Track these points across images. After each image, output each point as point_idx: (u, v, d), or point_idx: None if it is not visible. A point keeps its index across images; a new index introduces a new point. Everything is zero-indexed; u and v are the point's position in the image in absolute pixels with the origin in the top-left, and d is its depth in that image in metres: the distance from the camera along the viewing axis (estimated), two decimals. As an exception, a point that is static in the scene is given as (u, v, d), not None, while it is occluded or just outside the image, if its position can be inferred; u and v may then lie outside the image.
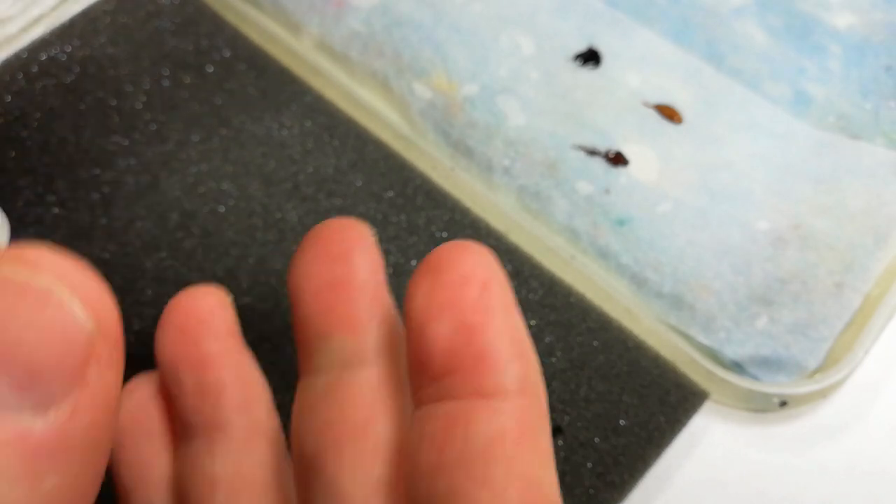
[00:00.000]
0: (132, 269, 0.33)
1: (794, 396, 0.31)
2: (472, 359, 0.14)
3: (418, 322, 0.15)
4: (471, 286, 0.15)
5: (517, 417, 0.14)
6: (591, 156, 0.36)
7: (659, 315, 0.33)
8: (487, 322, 0.14)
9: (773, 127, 0.37)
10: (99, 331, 0.12)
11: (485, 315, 0.15)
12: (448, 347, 0.14)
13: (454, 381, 0.14)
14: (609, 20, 0.40)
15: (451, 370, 0.14)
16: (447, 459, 0.14)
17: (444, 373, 0.14)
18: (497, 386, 0.14)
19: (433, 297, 0.15)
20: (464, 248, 0.15)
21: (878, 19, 0.41)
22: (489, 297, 0.15)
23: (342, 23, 0.40)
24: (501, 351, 0.14)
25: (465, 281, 0.15)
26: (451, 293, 0.15)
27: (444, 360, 0.14)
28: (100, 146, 0.36)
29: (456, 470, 0.14)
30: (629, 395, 0.31)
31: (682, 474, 0.30)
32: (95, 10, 0.40)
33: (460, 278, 0.15)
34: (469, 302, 0.15)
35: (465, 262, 0.15)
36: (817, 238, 0.34)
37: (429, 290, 0.15)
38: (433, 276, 0.15)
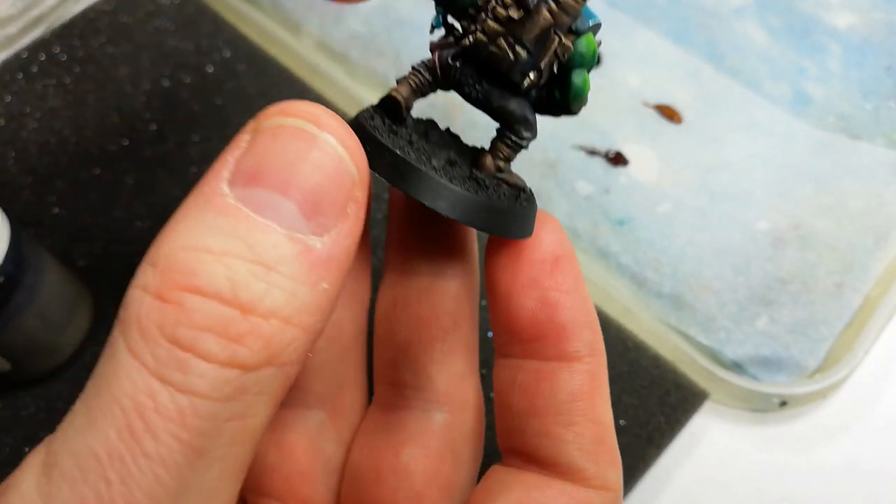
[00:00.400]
0: (132, 269, 0.33)
1: (794, 396, 0.31)
2: (554, 330, 0.18)
3: (505, 294, 0.18)
4: (547, 264, 0.18)
5: (590, 376, 0.18)
6: (591, 156, 0.36)
7: (659, 315, 0.33)
8: (564, 299, 0.18)
9: (773, 127, 0.37)
10: (359, 179, 0.15)
11: (561, 293, 0.18)
12: (533, 319, 0.18)
13: (539, 346, 0.18)
14: (609, 20, 0.40)
15: (536, 338, 0.18)
16: (538, 406, 0.18)
17: (529, 339, 0.18)
18: (574, 353, 0.18)
19: (517, 274, 0.18)
20: (542, 218, 0.19)
21: (878, 19, 0.41)
22: (563, 274, 0.18)
23: (342, 23, 0.40)
24: (576, 323, 0.18)
25: (543, 260, 0.18)
26: (533, 271, 0.18)
27: (530, 330, 0.18)
28: (100, 146, 0.36)
29: (545, 416, 0.18)
30: (629, 395, 0.31)
31: (682, 474, 0.30)
32: (95, 10, 0.40)
33: (540, 257, 0.18)
34: (548, 280, 0.18)
35: (543, 238, 0.18)
36: (817, 238, 0.34)
37: (513, 266, 0.18)
38: (515, 251, 0.18)
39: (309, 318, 0.14)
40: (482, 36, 0.16)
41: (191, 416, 0.13)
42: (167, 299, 0.13)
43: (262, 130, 0.14)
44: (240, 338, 0.13)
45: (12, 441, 0.30)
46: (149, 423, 0.12)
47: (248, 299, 0.13)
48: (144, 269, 0.14)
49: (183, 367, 0.13)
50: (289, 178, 0.14)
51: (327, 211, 0.14)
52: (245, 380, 0.13)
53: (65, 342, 0.30)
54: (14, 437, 0.30)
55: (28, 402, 0.30)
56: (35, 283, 0.28)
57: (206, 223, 0.14)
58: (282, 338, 0.13)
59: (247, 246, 0.13)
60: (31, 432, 0.30)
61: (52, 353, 0.30)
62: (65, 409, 0.32)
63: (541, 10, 0.15)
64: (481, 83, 0.17)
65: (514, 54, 0.16)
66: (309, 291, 0.14)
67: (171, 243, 0.14)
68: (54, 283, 0.29)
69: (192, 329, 0.13)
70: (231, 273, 0.13)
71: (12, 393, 0.30)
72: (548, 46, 0.16)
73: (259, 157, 0.14)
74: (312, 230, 0.14)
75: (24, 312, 0.27)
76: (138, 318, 0.13)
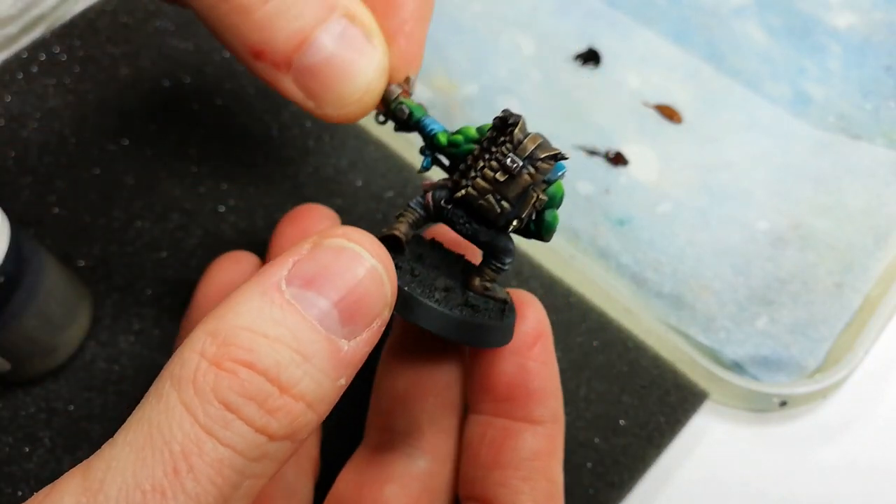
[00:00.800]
0: (132, 269, 0.33)
1: (794, 396, 0.31)
2: (527, 394, 0.22)
3: (491, 358, 0.22)
4: (529, 338, 0.22)
5: (549, 439, 0.22)
6: (591, 156, 0.36)
7: (659, 315, 0.33)
8: (539, 369, 0.22)
9: (773, 127, 0.37)
10: (389, 302, 0.18)
11: (538, 363, 0.22)
12: (510, 382, 0.22)
13: (510, 407, 0.22)
14: (609, 20, 0.40)
15: (510, 398, 0.22)
16: (502, 459, 0.21)
17: (504, 399, 0.22)
18: (540, 416, 0.22)
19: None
20: (526, 300, 0.22)
21: (878, 19, 0.41)
22: (542, 349, 0.22)
23: (342, 23, 0.40)
24: (545, 391, 0.22)
25: (527, 333, 0.22)
26: (517, 342, 0.22)
27: (506, 391, 0.22)
28: (100, 146, 0.36)
29: (507, 468, 0.21)
30: (629, 395, 0.31)
31: (682, 474, 0.30)
32: (95, 10, 0.40)
33: (523, 333, 0.22)
34: (528, 351, 0.22)
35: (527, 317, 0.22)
36: (817, 238, 0.34)
37: None
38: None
39: (325, 407, 0.16)
40: (473, 191, 0.19)
41: (227, 467, 0.15)
42: (223, 367, 0.15)
43: (324, 246, 0.17)
44: (274, 411, 0.15)
45: (12, 441, 0.30)
46: (192, 466, 0.15)
47: (287, 381, 0.16)
48: (204, 338, 0.16)
49: (227, 425, 0.15)
50: (338, 290, 0.17)
51: (360, 322, 0.17)
52: (269, 447, 0.16)
53: (65, 342, 0.30)
54: (14, 437, 0.30)
55: (28, 402, 0.30)
56: (35, 283, 0.28)
57: (264, 312, 0.16)
58: (303, 418, 0.16)
59: (294, 338, 0.16)
60: (31, 432, 0.30)
61: (52, 353, 0.30)
62: (65, 409, 0.32)
63: (522, 174, 0.19)
64: (470, 223, 0.20)
65: (500, 208, 0.19)
66: (331, 384, 0.16)
67: (232, 320, 0.16)
68: (54, 283, 0.29)
69: (241, 396, 0.15)
70: (279, 357, 0.16)
71: (12, 393, 0.30)
72: (528, 201, 0.19)
73: (317, 267, 0.17)
74: (344, 335, 0.17)
75: (24, 312, 0.27)
76: (195, 378, 0.15)
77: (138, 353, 0.31)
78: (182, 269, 0.33)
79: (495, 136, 0.19)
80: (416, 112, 0.22)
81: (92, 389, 0.31)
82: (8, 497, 0.28)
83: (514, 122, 0.19)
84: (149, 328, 0.32)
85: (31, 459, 0.29)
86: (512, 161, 0.19)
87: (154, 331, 0.32)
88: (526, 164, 0.19)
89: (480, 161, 0.19)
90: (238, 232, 0.34)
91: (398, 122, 0.22)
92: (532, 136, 0.19)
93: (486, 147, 0.19)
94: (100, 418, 0.30)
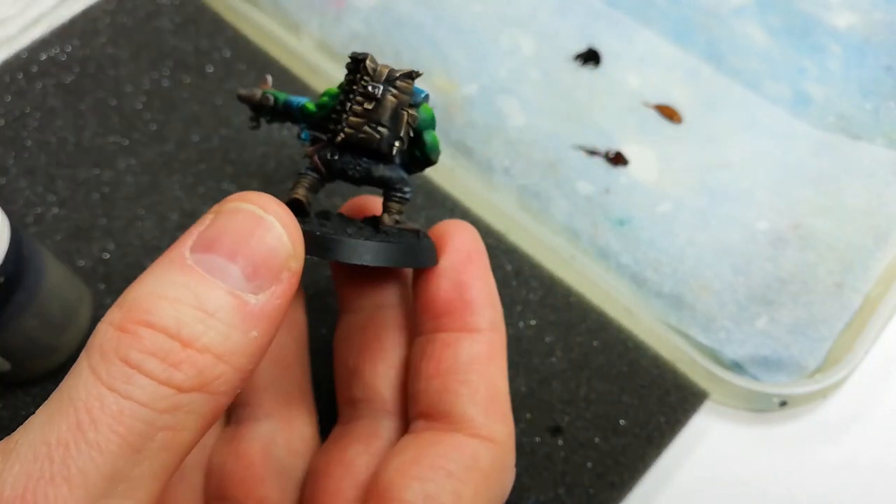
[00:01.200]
0: (132, 269, 0.33)
1: (794, 396, 0.31)
2: (463, 305, 0.23)
3: (428, 278, 0.23)
4: (462, 255, 0.23)
5: (488, 346, 0.22)
6: (591, 156, 0.36)
7: (659, 315, 0.33)
8: (472, 282, 0.23)
9: (773, 127, 0.37)
10: (294, 252, 0.18)
11: (472, 277, 0.23)
12: (447, 297, 0.23)
13: (449, 320, 0.23)
14: (609, 20, 0.40)
15: (448, 312, 0.23)
16: (442, 368, 0.22)
17: (443, 313, 0.23)
18: (477, 324, 0.23)
19: (439, 263, 0.23)
20: (458, 226, 0.24)
21: (878, 19, 0.41)
22: (474, 264, 0.23)
23: (342, 23, 0.40)
24: (480, 302, 0.23)
25: (458, 252, 0.23)
26: (450, 260, 0.23)
27: (444, 305, 0.23)
28: (100, 146, 0.36)
29: (448, 375, 0.22)
30: (629, 395, 0.31)
31: (682, 474, 0.30)
32: (95, 10, 0.40)
33: (456, 251, 0.23)
34: (462, 267, 0.23)
35: (459, 237, 0.23)
36: (817, 238, 0.34)
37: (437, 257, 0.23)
38: (439, 247, 0.23)
39: (239, 359, 0.17)
40: (350, 129, 0.21)
41: (129, 416, 0.16)
42: (126, 330, 0.16)
43: (222, 212, 0.18)
44: (177, 364, 0.16)
45: (12, 441, 0.30)
46: (94, 418, 0.16)
47: (188, 335, 0.17)
48: (113, 310, 0.17)
49: (129, 379, 0.16)
50: (237, 248, 0.18)
51: (264, 275, 0.18)
52: (178, 399, 0.16)
53: (65, 342, 0.30)
54: (14, 437, 0.30)
55: (28, 402, 0.30)
56: (35, 283, 0.28)
57: (166, 277, 0.17)
58: (213, 371, 0.17)
59: (194, 296, 0.17)
60: (31, 432, 0.30)
61: (52, 353, 0.30)
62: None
63: (386, 96, 0.20)
64: (360, 163, 0.22)
65: (378, 134, 0.21)
66: (241, 337, 0.17)
67: (137, 290, 0.17)
68: (54, 283, 0.29)
69: (141, 353, 0.16)
70: (178, 315, 0.17)
71: (12, 393, 0.30)
72: (401, 120, 0.21)
73: (216, 231, 0.18)
74: (250, 290, 0.17)
75: (24, 312, 0.27)
76: (101, 344, 0.16)
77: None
78: (182, 269, 0.33)
79: (352, 77, 0.21)
80: (280, 96, 0.24)
81: (92, 389, 0.31)
82: (8, 497, 0.28)
83: (363, 56, 0.20)
84: (149, 328, 0.32)
85: (31, 459, 0.29)
86: (373, 87, 0.20)
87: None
88: (386, 86, 0.20)
89: (347, 104, 0.21)
90: (238, 232, 0.34)
91: (267, 111, 0.24)
92: (383, 65, 0.20)
93: (347, 90, 0.21)
94: (100, 418, 0.30)
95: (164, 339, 0.16)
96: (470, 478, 0.21)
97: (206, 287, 0.17)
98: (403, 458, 0.21)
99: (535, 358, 0.32)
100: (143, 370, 0.16)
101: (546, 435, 0.30)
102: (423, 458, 0.21)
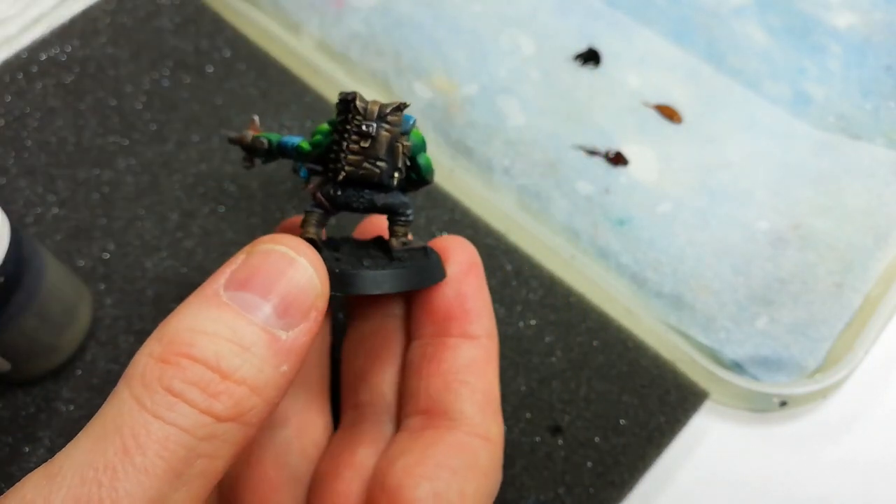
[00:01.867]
0: (132, 269, 0.33)
1: (794, 396, 0.31)
2: (463, 313, 0.24)
3: (431, 288, 0.24)
4: (463, 267, 0.24)
5: (485, 351, 0.24)
6: (591, 156, 0.36)
7: (659, 315, 0.33)
8: (472, 293, 0.24)
9: (773, 127, 0.37)
10: (321, 292, 0.20)
11: (471, 288, 0.24)
12: (448, 306, 0.24)
13: (448, 325, 0.24)
14: (609, 20, 0.40)
15: (449, 318, 0.24)
16: (442, 369, 0.23)
17: (443, 319, 0.24)
18: (475, 332, 0.24)
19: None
20: (459, 241, 0.25)
21: (878, 19, 0.41)
22: (474, 276, 0.25)
23: (342, 23, 0.40)
24: (478, 311, 0.24)
25: (459, 265, 0.24)
26: (452, 272, 0.24)
27: (445, 312, 0.24)
28: (100, 146, 0.36)
29: (447, 375, 0.23)
30: (629, 395, 0.31)
31: (682, 474, 0.30)
32: (95, 10, 0.40)
33: (457, 263, 0.24)
34: (463, 279, 0.24)
35: (461, 252, 0.25)
36: (817, 238, 0.34)
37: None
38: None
39: (270, 392, 0.18)
40: (350, 167, 0.22)
41: (173, 442, 0.17)
42: (168, 361, 0.17)
43: (254, 252, 0.19)
44: (217, 395, 0.17)
45: (12, 441, 0.30)
46: (140, 443, 0.16)
47: (226, 368, 0.18)
48: (152, 343, 0.18)
49: (172, 407, 0.17)
50: (270, 287, 0.19)
51: (295, 313, 0.19)
52: (216, 428, 0.17)
53: (65, 342, 0.30)
54: (14, 437, 0.30)
55: (28, 402, 0.30)
56: (35, 283, 0.28)
57: (204, 313, 0.18)
58: (248, 402, 0.18)
59: (231, 331, 0.18)
60: (30, 432, 0.30)
61: (52, 353, 0.30)
62: (65, 409, 0.32)
63: (380, 133, 0.21)
64: (363, 195, 0.22)
65: (378, 168, 0.22)
66: (272, 371, 0.18)
67: (175, 324, 0.18)
68: (54, 283, 0.29)
69: (184, 383, 0.17)
70: (217, 348, 0.18)
71: (12, 393, 0.30)
72: (396, 152, 0.22)
73: (249, 270, 0.19)
74: (282, 326, 0.19)
75: (24, 312, 0.27)
76: (143, 374, 0.17)
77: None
78: (182, 269, 0.33)
79: (343, 117, 0.22)
80: (272, 138, 0.25)
81: (92, 389, 0.31)
82: (8, 497, 0.28)
83: (352, 97, 0.21)
84: (149, 328, 0.32)
85: (31, 459, 0.29)
86: (367, 126, 0.21)
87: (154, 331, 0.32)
88: (379, 123, 0.21)
89: (343, 143, 0.22)
90: (238, 232, 0.34)
91: (263, 154, 0.25)
92: (373, 101, 0.21)
93: (341, 130, 0.22)
94: (100, 418, 0.30)
95: (204, 370, 0.17)
96: (472, 475, 0.22)
97: (241, 323, 0.18)
98: (409, 458, 0.22)
99: (535, 358, 0.32)
100: (186, 399, 0.17)
101: (546, 434, 0.30)
102: (428, 458, 0.22)
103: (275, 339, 0.18)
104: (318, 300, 0.19)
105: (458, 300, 0.24)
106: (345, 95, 0.21)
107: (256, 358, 0.18)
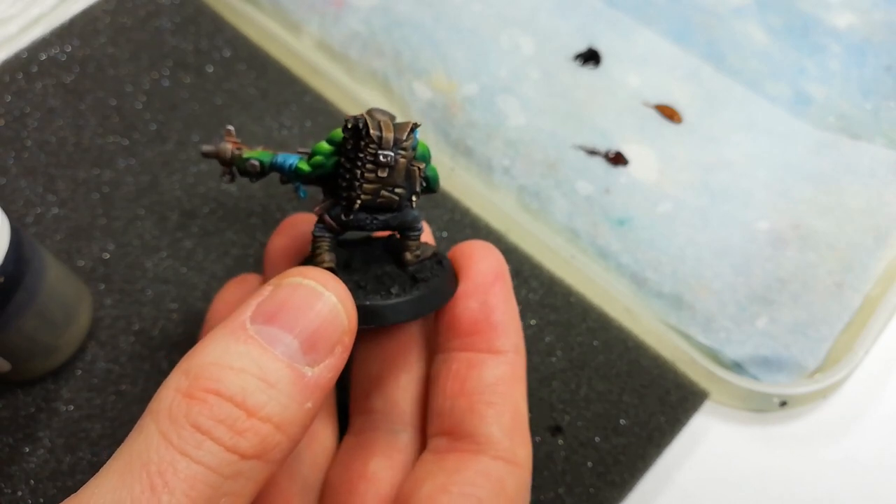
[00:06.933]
0: (132, 269, 0.33)
1: (794, 396, 0.31)
2: (489, 327, 0.23)
3: (454, 299, 0.23)
4: (489, 278, 0.23)
5: (512, 368, 0.23)
6: (591, 156, 0.36)
7: (659, 315, 0.33)
8: (498, 305, 0.23)
9: (773, 127, 0.37)
10: (348, 329, 0.19)
11: (497, 300, 0.23)
12: (474, 317, 0.23)
13: (474, 340, 0.23)
14: (609, 20, 0.40)
15: (474, 332, 0.23)
16: (467, 388, 0.22)
17: (468, 333, 0.23)
18: (501, 347, 0.23)
19: (466, 284, 0.23)
20: (485, 247, 0.24)
21: (878, 19, 0.41)
22: (501, 287, 0.23)
23: (342, 23, 0.40)
24: (505, 325, 0.23)
25: (485, 275, 0.23)
26: (478, 282, 0.23)
27: (470, 325, 0.23)
28: (100, 146, 0.36)
29: (472, 395, 0.22)
30: (629, 395, 0.31)
31: (682, 474, 0.30)
32: (95, 10, 0.40)
33: (483, 273, 0.23)
34: (488, 289, 0.23)
35: (486, 259, 0.24)
36: (817, 238, 0.34)
37: (464, 279, 0.24)
38: (465, 267, 0.24)
39: (294, 429, 0.18)
40: (367, 196, 0.21)
41: (200, 481, 0.16)
42: (194, 397, 0.17)
43: (282, 285, 0.19)
44: (242, 432, 0.17)
45: (12, 441, 0.30)
46: (167, 481, 0.16)
47: (252, 405, 0.17)
48: (178, 376, 0.18)
49: (199, 445, 0.17)
50: (296, 322, 0.18)
51: (320, 349, 0.19)
52: (240, 466, 0.17)
53: (65, 342, 0.30)
54: (14, 437, 0.30)
55: (28, 402, 0.30)
56: (35, 283, 0.28)
57: (230, 347, 0.18)
58: (272, 439, 0.18)
59: (258, 367, 0.18)
60: (30, 432, 0.30)
61: (52, 353, 0.30)
62: (65, 410, 0.32)
63: (398, 161, 0.21)
64: (376, 218, 0.22)
65: (397, 195, 0.21)
66: (297, 408, 0.18)
67: (201, 358, 0.18)
68: (54, 283, 0.29)
69: (210, 420, 0.17)
70: (244, 384, 0.17)
71: (12, 393, 0.30)
72: (414, 176, 0.21)
73: (276, 304, 0.19)
74: (307, 362, 0.18)
75: (24, 312, 0.27)
76: (170, 409, 0.17)
77: (138, 353, 0.31)
78: (182, 269, 0.33)
79: (354, 144, 0.21)
80: (264, 158, 0.23)
81: (92, 389, 0.31)
82: (8, 497, 0.28)
83: (363, 125, 0.20)
84: (149, 328, 0.32)
85: (31, 459, 0.29)
86: (384, 156, 0.20)
87: (154, 331, 0.32)
88: (395, 150, 0.20)
89: (357, 170, 0.21)
90: (238, 232, 0.34)
91: (252, 175, 0.24)
92: (385, 126, 0.20)
93: (353, 157, 0.21)
94: (100, 418, 0.30)
95: (230, 407, 0.17)
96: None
97: (267, 358, 0.18)
98: (433, 484, 0.21)
99: (535, 358, 0.32)
100: (213, 436, 0.17)
101: (546, 434, 0.30)
102: (452, 486, 0.21)
103: (300, 375, 0.18)
104: (344, 336, 0.19)
105: (483, 313, 0.23)
106: (354, 122, 0.20)
107: (282, 395, 0.18)
